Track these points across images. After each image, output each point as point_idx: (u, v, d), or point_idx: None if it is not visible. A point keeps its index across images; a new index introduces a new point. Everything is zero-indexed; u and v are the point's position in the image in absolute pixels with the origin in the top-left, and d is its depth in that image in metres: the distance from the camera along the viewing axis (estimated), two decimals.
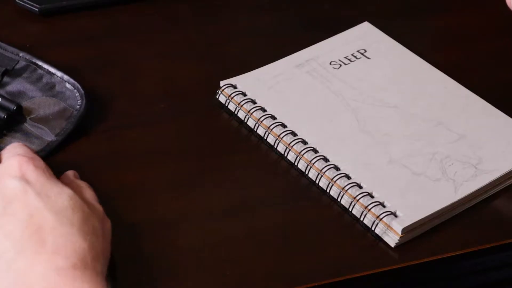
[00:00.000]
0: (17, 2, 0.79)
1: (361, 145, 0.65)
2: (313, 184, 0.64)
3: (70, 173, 0.60)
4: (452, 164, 0.64)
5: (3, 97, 0.67)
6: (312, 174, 0.64)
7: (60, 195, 0.52)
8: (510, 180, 0.65)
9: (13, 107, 0.66)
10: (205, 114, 0.70)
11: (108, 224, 0.56)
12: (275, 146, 0.66)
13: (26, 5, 0.78)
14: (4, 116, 0.65)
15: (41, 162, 0.55)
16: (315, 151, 0.64)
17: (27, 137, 0.65)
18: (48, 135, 0.65)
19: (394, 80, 0.72)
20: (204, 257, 0.57)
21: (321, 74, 0.71)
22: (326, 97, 0.70)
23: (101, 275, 0.50)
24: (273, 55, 0.73)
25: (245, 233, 0.60)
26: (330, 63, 0.73)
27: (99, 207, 0.56)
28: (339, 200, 0.62)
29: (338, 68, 0.72)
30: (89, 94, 0.68)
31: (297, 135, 0.66)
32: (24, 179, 0.53)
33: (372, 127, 0.67)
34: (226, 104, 0.70)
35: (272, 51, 0.74)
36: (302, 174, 0.64)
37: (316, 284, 0.56)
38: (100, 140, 0.58)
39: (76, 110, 0.67)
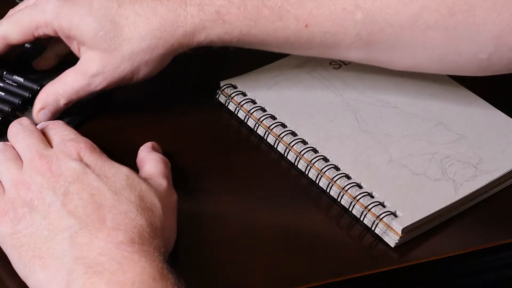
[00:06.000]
0: (17, 2, 0.79)
1: (361, 145, 0.65)
2: (313, 184, 0.64)
3: (148, 145, 0.62)
4: (452, 164, 0.64)
5: (26, 78, 0.68)
6: (312, 174, 0.64)
7: (118, 175, 0.54)
8: (510, 180, 0.65)
9: (36, 87, 0.68)
10: (205, 114, 0.70)
11: (172, 198, 0.57)
12: (275, 146, 0.66)
13: None
14: (28, 96, 0.67)
15: (95, 146, 0.57)
16: (315, 151, 0.64)
17: None
18: (70, 112, 0.67)
19: (394, 80, 0.72)
20: (203, 257, 0.57)
21: (321, 74, 0.71)
22: (326, 97, 0.70)
23: (158, 250, 0.51)
24: (273, 55, 0.73)
25: (245, 233, 0.60)
26: (330, 63, 0.73)
27: (163, 182, 0.57)
28: (339, 200, 0.62)
29: (338, 68, 0.72)
30: None
31: (297, 135, 0.66)
32: (83, 162, 0.55)
33: (372, 127, 0.67)
34: (226, 104, 0.70)
35: (272, 51, 0.74)
36: (302, 174, 0.64)
37: (316, 284, 0.56)
38: (99, 141, 0.58)
39: None
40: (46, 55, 0.69)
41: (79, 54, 0.65)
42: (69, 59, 0.67)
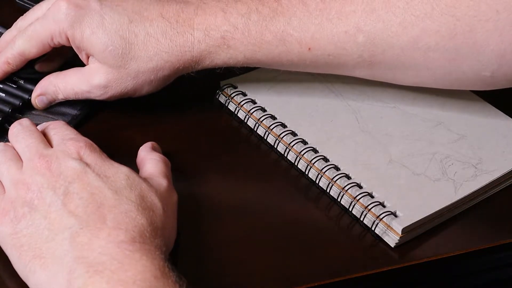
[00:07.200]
0: (17, 2, 0.79)
1: (361, 145, 0.65)
2: (313, 184, 0.64)
3: (148, 145, 0.63)
4: (452, 164, 0.64)
5: (25, 79, 0.69)
6: (312, 174, 0.64)
7: (118, 174, 0.55)
8: (510, 180, 0.65)
9: None
10: (205, 114, 0.70)
11: (173, 198, 0.57)
12: (275, 146, 0.66)
13: (26, 5, 0.79)
14: (28, 97, 0.67)
15: (95, 146, 0.57)
16: (315, 151, 0.64)
17: (49, 114, 0.67)
18: (71, 110, 0.67)
19: None
20: (203, 257, 0.57)
21: (321, 74, 0.71)
22: (326, 97, 0.70)
23: (159, 249, 0.51)
24: None
25: (245, 233, 0.60)
26: None
27: (163, 182, 0.57)
28: (339, 200, 0.62)
29: None
30: None
31: (297, 135, 0.66)
32: (83, 162, 0.55)
33: (372, 127, 0.67)
34: (226, 104, 0.70)
35: None
36: (302, 174, 0.64)
37: (316, 284, 0.56)
38: (99, 140, 0.58)
39: None
40: (50, 58, 0.69)
41: (86, 63, 0.65)
42: (73, 62, 0.67)
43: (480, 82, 0.63)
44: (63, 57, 0.70)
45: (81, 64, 0.66)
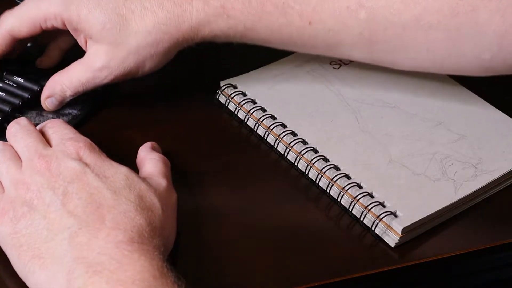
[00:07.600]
0: (17, 2, 0.79)
1: (361, 145, 0.65)
2: (313, 184, 0.64)
3: (148, 145, 0.63)
4: (452, 164, 0.64)
5: (26, 78, 0.68)
6: (312, 174, 0.64)
7: (117, 175, 0.55)
8: (510, 180, 0.65)
9: (37, 88, 0.68)
10: (205, 114, 0.70)
11: (172, 198, 0.57)
12: (275, 146, 0.66)
13: None
14: (28, 96, 0.67)
15: (94, 146, 0.57)
16: (315, 151, 0.64)
17: (49, 114, 0.67)
18: (71, 110, 0.67)
19: (394, 80, 0.72)
20: (203, 257, 0.57)
21: (321, 74, 0.71)
22: (326, 97, 0.70)
23: (158, 249, 0.51)
24: (273, 55, 0.73)
25: (245, 233, 0.60)
26: (330, 63, 0.73)
27: (162, 182, 0.57)
28: (339, 200, 0.62)
29: (338, 68, 0.72)
30: None
31: (297, 135, 0.66)
32: (82, 162, 0.55)
33: (372, 127, 0.67)
34: (226, 104, 0.70)
35: (272, 51, 0.74)
36: (302, 174, 0.64)
37: (316, 284, 0.56)
38: (99, 140, 0.58)
39: None
40: (49, 53, 0.69)
41: (85, 48, 0.65)
42: (73, 59, 0.67)
43: (478, 66, 0.62)
44: (61, 50, 0.69)
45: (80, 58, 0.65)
